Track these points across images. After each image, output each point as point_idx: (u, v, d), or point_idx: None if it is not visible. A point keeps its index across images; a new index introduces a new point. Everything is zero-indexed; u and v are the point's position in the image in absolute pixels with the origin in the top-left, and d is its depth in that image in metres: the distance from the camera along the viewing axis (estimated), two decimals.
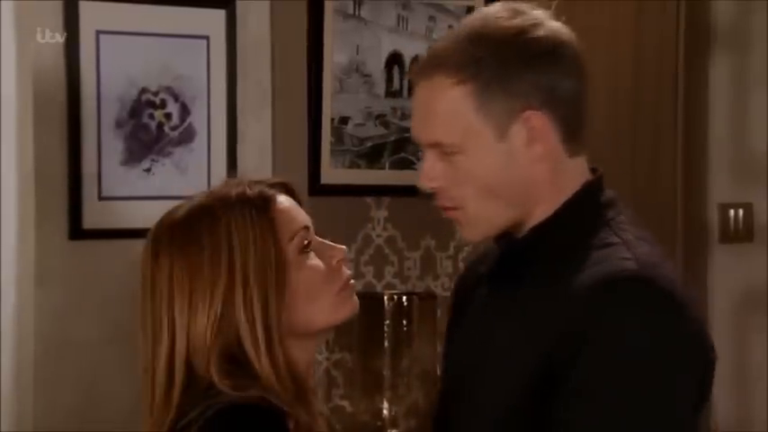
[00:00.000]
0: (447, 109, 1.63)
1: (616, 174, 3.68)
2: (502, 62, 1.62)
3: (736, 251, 3.77)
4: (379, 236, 3.58)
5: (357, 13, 3.40)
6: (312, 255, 1.68)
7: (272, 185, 1.70)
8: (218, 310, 1.61)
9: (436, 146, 1.65)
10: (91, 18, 2.85)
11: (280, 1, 3.10)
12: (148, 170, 2.93)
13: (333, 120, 3.36)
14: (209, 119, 3.01)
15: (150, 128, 2.95)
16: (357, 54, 3.30)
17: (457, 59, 1.63)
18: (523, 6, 1.67)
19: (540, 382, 1.56)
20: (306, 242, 1.67)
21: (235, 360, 1.62)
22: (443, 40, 1.67)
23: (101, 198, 2.86)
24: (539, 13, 1.66)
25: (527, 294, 1.64)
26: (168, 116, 2.97)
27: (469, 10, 3.50)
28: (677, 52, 3.64)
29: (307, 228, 1.69)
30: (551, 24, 1.66)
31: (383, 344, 3.39)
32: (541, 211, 1.66)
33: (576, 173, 1.67)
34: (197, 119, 2.99)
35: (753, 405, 3.73)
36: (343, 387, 3.52)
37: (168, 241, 1.65)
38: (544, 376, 1.56)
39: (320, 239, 1.71)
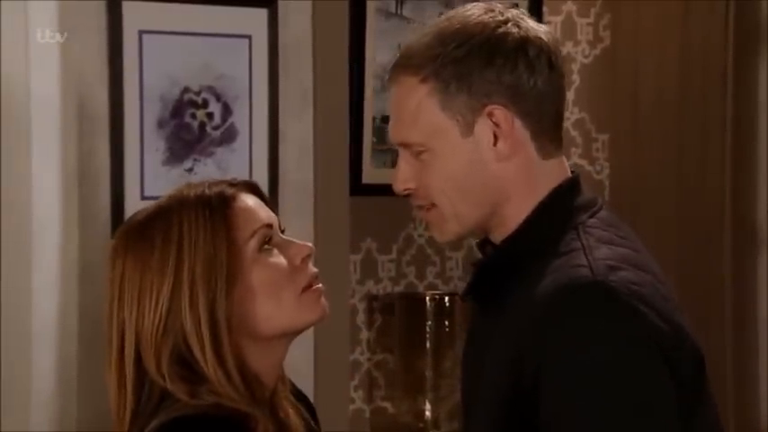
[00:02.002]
0: (412, 108, 1.65)
1: (663, 174, 3.71)
2: (462, 59, 1.63)
3: None
4: (420, 236, 3.60)
5: (399, 11, 3.43)
6: (275, 252, 1.68)
7: (235, 185, 1.71)
8: (165, 309, 1.63)
9: (406, 146, 1.67)
10: (134, 18, 2.89)
11: (322, 0, 3.12)
12: (190, 170, 2.97)
13: (374, 119, 3.39)
14: (251, 118, 3.04)
15: (192, 127, 2.99)
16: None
17: (420, 58, 1.65)
18: (500, 5, 1.67)
19: (513, 402, 1.57)
20: (267, 239, 1.68)
21: (185, 362, 1.63)
22: (412, 40, 1.68)
23: (143, 197, 2.90)
24: (512, 12, 1.66)
25: (501, 307, 1.65)
26: (210, 116, 3.00)
27: (512, 7, 3.52)
28: (726, 52, 3.63)
29: (269, 225, 1.69)
30: (523, 23, 1.65)
31: (425, 345, 3.41)
32: (513, 213, 1.66)
33: (550, 176, 1.66)
34: (239, 118, 3.03)
35: None
36: (385, 388, 3.54)
37: (124, 243, 1.68)
38: (515, 395, 1.56)
39: (286, 238, 1.71)
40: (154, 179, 2.92)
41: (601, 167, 3.85)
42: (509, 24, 1.64)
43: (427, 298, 3.44)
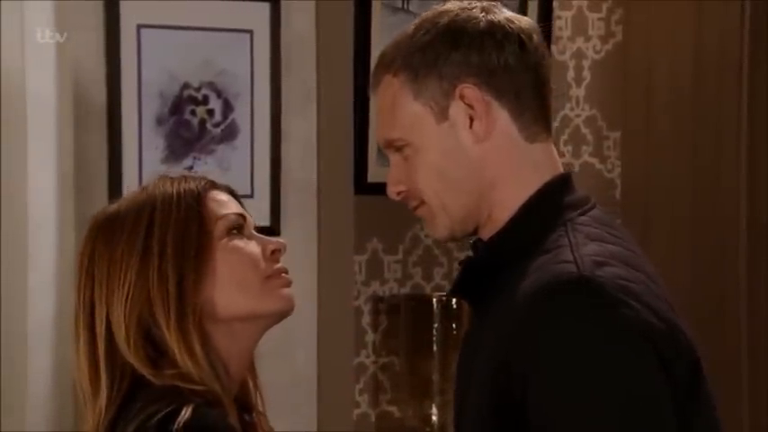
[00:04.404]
0: (389, 103, 1.67)
1: (676, 173, 3.69)
2: (428, 45, 1.65)
3: None
4: (427, 236, 3.59)
5: (406, 6, 3.41)
6: (245, 240, 1.72)
7: (215, 183, 1.76)
8: (133, 281, 1.66)
9: (390, 144, 1.68)
10: (132, 12, 2.89)
11: None
12: (190, 168, 2.96)
13: None
14: (253, 116, 3.03)
15: (192, 125, 2.98)
16: None
17: (391, 54, 1.68)
18: (477, 2, 1.69)
19: (502, 407, 1.55)
20: (236, 226, 1.71)
21: (150, 337, 1.66)
22: (387, 45, 1.71)
23: None
24: (485, 3, 1.68)
25: (489, 307, 1.64)
26: (210, 113, 3.00)
27: (522, 3, 3.51)
28: (741, 47, 3.62)
29: (241, 216, 1.73)
30: (493, 9, 1.67)
31: (432, 347, 3.40)
32: (501, 200, 1.65)
33: (539, 162, 1.66)
34: (240, 115, 3.02)
35: None
36: (391, 392, 3.53)
37: (96, 227, 1.72)
38: (504, 399, 1.55)
39: (259, 235, 1.75)
40: (152, 178, 2.91)
41: (612, 166, 3.84)
42: (475, 10, 1.67)
43: (434, 299, 3.43)
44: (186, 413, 1.57)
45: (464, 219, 1.67)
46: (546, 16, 3.57)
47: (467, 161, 1.65)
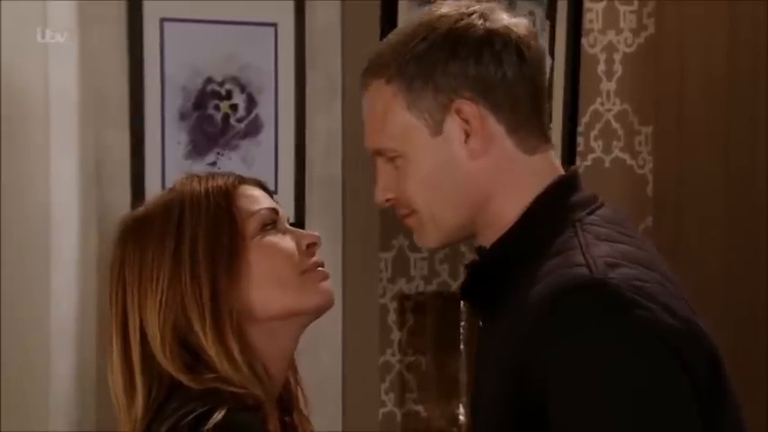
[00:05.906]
0: (380, 112, 1.65)
1: (710, 170, 3.68)
2: (424, 54, 1.62)
3: None
4: None
5: None
6: (279, 235, 1.70)
7: (243, 178, 1.74)
8: (165, 287, 1.64)
9: (380, 153, 1.66)
10: (155, 5, 2.89)
11: None
12: (213, 164, 2.96)
13: None
14: (277, 110, 3.03)
15: (215, 120, 2.98)
16: None
17: (385, 58, 1.64)
18: (473, 2, 1.66)
19: (518, 413, 1.54)
20: (270, 221, 1.69)
21: (186, 342, 1.64)
22: (380, 43, 1.68)
23: None
24: (482, 5, 1.65)
25: (498, 312, 1.63)
26: (234, 107, 3.00)
27: None
28: None
29: (273, 210, 1.71)
30: (492, 15, 1.65)
31: (458, 346, 3.40)
32: (499, 212, 1.64)
33: (539, 172, 1.65)
34: (264, 110, 3.02)
35: None
36: (417, 391, 3.53)
37: (125, 231, 1.71)
38: (520, 405, 1.54)
39: (293, 228, 1.73)
40: (175, 174, 2.89)
41: (644, 162, 3.83)
42: (473, 16, 1.64)
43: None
44: (219, 415, 1.56)
45: (456, 229, 1.66)
46: (577, 8, 3.56)
47: (461, 175, 1.63)
